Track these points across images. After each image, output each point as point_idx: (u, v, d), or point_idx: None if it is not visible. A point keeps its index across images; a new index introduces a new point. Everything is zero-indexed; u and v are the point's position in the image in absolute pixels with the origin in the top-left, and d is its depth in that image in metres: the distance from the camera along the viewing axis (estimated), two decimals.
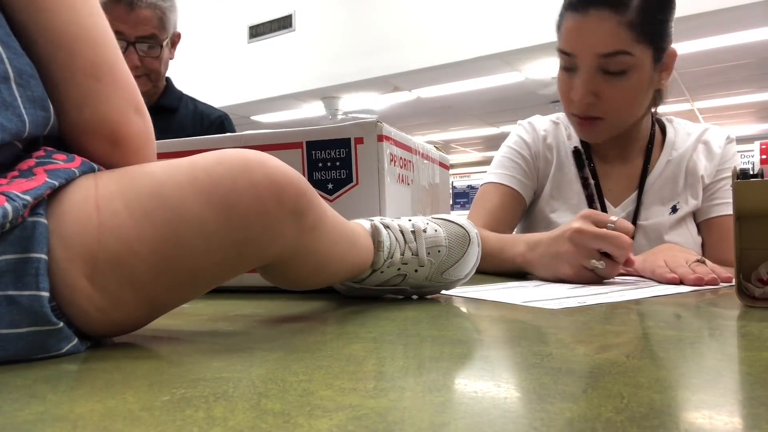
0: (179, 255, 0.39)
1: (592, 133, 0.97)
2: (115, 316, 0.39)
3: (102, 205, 0.37)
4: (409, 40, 4.35)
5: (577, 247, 0.74)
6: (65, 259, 0.36)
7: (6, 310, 0.33)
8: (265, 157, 0.42)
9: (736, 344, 0.40)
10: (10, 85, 0.39)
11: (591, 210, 0.76)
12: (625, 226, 0.73)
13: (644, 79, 0.91)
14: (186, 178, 0.39)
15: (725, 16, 3.38)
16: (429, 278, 0.62)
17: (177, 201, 0.38)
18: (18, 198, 0.34)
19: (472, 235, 0.63)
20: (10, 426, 0.24)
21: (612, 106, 0.92)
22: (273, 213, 0.41)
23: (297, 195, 0.42)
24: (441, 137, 7.60)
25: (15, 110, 0.38)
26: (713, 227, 1.01)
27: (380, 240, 0.57)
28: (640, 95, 0.93)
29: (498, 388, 0.29)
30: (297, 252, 0.45)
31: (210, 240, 0.39)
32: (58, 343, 0.36)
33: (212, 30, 5.35)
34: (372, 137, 0.71)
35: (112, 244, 0.37)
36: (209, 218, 0.39)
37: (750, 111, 6.21)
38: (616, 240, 0.72)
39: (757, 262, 0.56)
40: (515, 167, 1.08)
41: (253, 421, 0.24)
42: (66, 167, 0.39)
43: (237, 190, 0.39)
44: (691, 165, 1.02)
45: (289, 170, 0.42)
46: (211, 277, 0.42)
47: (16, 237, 0.34)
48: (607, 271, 0.74)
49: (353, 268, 0.56)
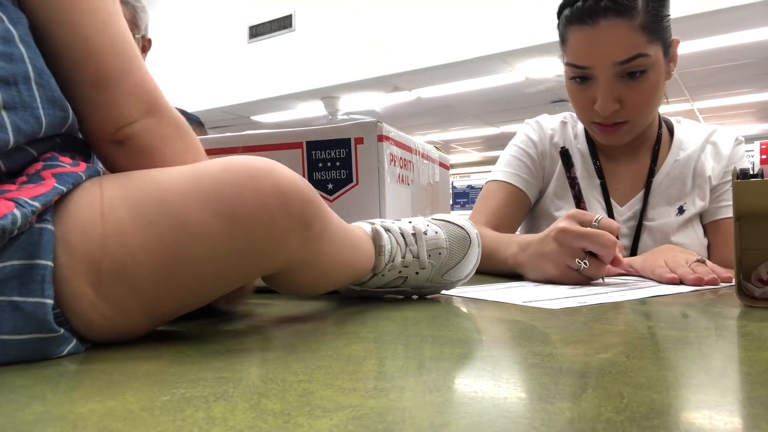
0: (183, 263, 0.38)
1: (617, 136, 0.96)
2: (119, 323, 0.38)
3: (107, 212, 0.37)
4: (409, 40, 4.35)
5: (561, 247, 0.73)
6: (69, 266, 0.36)
7: (10, 316, 0.33)
8: (272, 166, 0.41)
9: (736, 344, 0.40)
10: (31, 86, 0.39)
11: (577, 210, 0.75)
12: (610, 224, 0.73)
13: (660, 75, 0.91)
14: (191, 186, 0.39)
15: (725, 16, 3.38)
16: (430, 279, 0.62)
17: (181, 209, 0.38)
18: (27, 204, 0.34)
19: (473, 236, 0.63)
20: (10, 426, 0.24)
21: (635, 108, 0.92)
22: (279, 223, 0.40)
23: (304, 204, 0.41)
24: (441, 137, 7.60)
25: (33, 111, 0.38)
26: (719, 229, 1.00)
27: (381, 244, 0.57)
28: (658, 92, 0.93)
29: (498, 388, 0.29)
30: (303, 260, 0.45)
31: (214, 249, 0.39)
32: (58, 347, 0.36)
33: (212, 30, 5.34)
34: (372, 137, 0.71)
35: (115, 252, 0.37)
36: (213, 227, 0.38)
37: (750, 111, 6.20)
38: (599, 238, 0.71)
39: (757, 262, 0.56)
40: (521, 166, 1.07)
41: (253, 421, 0.24)
42: (73, 171, 0.39)
43: (242, 199, 0.39)
44: (699, 166, 1.01)
45: (296, 179, 0.42)
46: (215, 286, 0.42)
47: (22, 243, 0.34)
48: (593, 270, 0.73)
49: (356, 273, 0.56)
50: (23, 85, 0.38)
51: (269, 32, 5.08)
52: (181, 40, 5.42)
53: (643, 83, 0.89)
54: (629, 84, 0.89)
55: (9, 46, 0.38)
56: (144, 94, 0.44)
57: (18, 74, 0.38)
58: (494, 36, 3.99)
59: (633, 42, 0.86)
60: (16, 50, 0.38)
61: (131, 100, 0.44)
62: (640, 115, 0.94)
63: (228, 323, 0.51)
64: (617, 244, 0.71)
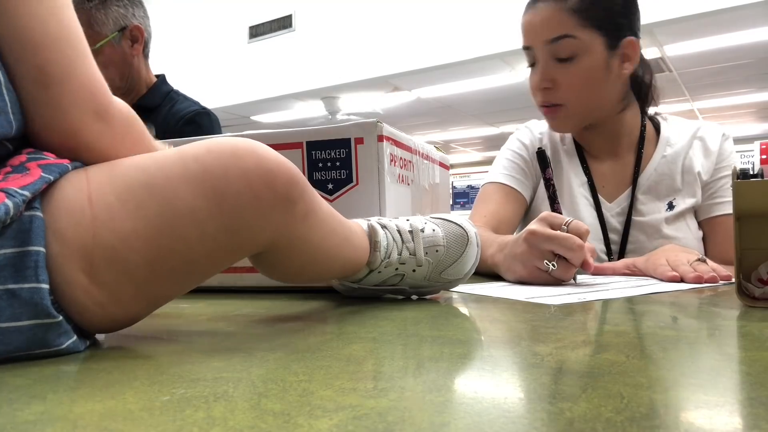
0: (173, 245, 0.39)
1: (557, 120, 1.03)
2: (114, 310, 0.39)
3: (95, 199, 0.37)
4: (409, 40, 4.35)
5: (530, 248, 0.74)
6: (61, 254, 0.36)
7: (7, 304, 0.34)
8: (255, 145, 0.42)
9: (736, 344, 0.40)
10: (1, 90, 0.38)
11: (549, 212, 0.77)
12: (578, 227, 0.73)
13: (597, 64, 0.95)
14: (177, 168, 0.39)
15: (725, 16, 3.38)
16: (427, 278, 0.62)
17: (168, 191, 0.39)
18: (17, 194, 0.34)
19: (471, 234, 0.63)
20: (10, 426, 0.24)
21: (567, 91, 0.98)
22: (265, 199, 0.41)
23: (289, 182, 0.42)
24: (441, 137, 7.60)
25: (6, 116, 0.38)
26: (716, 226, 1.02)
27: (377, 240, 0.57)
28: (594, 81, 0.97)
29: (498, 388, 0.29)
30: (289, 241, 0.46)
31: (203, 228, 0.39)
32: (57, 337, 0.36)
33: (212, 30, 5.35)
34: (372, 137, 0.71)
35: (106, 237, 0.37)
36: (201, 206, 0.39)
37: (750, 111, 6.21)
38: (566, 241, 0.72)
39: (757, 262, 0.56)
40: (516, 168, 1.11)
41: (253, 421, 0.24)
42: (59, 162, 0.39)
43: (228, 177, 0.39)
44: (687, 162, 1.03)
45: (280, 158, 0.43)
46: (206, 266, 0.42)
47: (13, 231, 0.34)
48: (561, 272, 0.73)
49: (347, 265, 0.56)
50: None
51: (269, 32, 5.08)
52: (181, 40, 5.42)
53: (574, 67, 0.95)
54: (562, 67, 0.96)
55: None
56: (92, 94, 0.42)
57: None
58: (494, 36, 3.99)
59: (561, 22, 0.94)
60: None
61: (79, 100, 0.41)
62: (575, 100, 0.99)
63: (228, 323, 0.51)
64: (585, 247, 0.72)
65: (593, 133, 1.07)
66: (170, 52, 5.42)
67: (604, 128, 1.05)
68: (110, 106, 0.43)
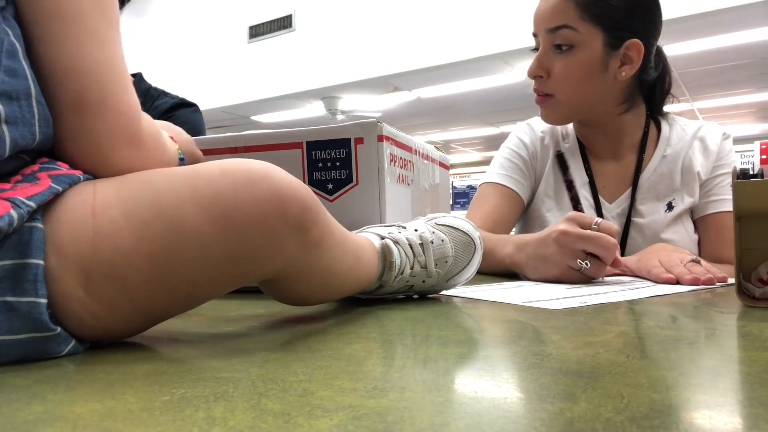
0: (176, 267, 0.38)
1: (546, 110, 1.03)
2: (111, 323, 0.38)
3: (99, 212, 0.37)
4: (409, 40, 4.35)
5: (562, 249, 0.75)
6: (59, 266, 0.35)
7: (5, 317, 0.33)
8: (271, 170, 0.40)
9: (736, 344, 0.40)
10: (31, 102, 0.38)
11: (576, 212, 0.78)
12: (609, 227, 0.75)
13: (592, 60, 0.95)
14: (186, 189, 0.38)
15: (725, 16, 3.38)
16: (434, 286, 0.63)
17: (176, 212, 0.37)
18: (23, 204, 0.34)
19: (477, 241, 0.64)
20: (10, 426, 0.24)
21: (558, 81, 0.98)
22: (275, 228, 0.39)
23: (302, 210, 0.41)
24: (441, 137, 7.60)
25: (30, 128, 0.38)
26: (710, 224, 1.01)
27: (392, 260, 0.56)
28: (586, 76, 0.96)
29: (498, 388, 0.29)
30: (300, 268, 0.44)
31: (208, 253, 0.38)
32: (57, 346, 0.36)
33: (212, 30, 5.35)
34: (372, 137, 0.71)
35: (107, 252, 0.36)
36: (208, 231, 0.38)
37: (750, 111, 6.20)
38: (599, 241, 0.73)
39: (757, 262, 0.56)
40: (514, 167, 1.10)
41: (253, 421, 0.24)
42: (70, 173, 0.39)
43: (238, 203, 0.38)
44: (687, 162, 1.03)
45: (295, 183, 0.41)
46: (209, 290, 0.41)
47: (13, 242, 0.34)
48: (594, 270, 0.75)
49: (358, 284, 0.54)
50: (24, 101, 0.38)
51: (269, 32, 5.08)
52: (182, 40, 5.42)
53: (568, 58, 0.96)
54: (558, 57, 0.97)
55: (14, 61, 0.38)
56: (126, 122, 0.42)
57: (20, 90, 0.37)
58: (494, 36, 3.99)
59: (562, 12, 0.95)
60: (20, 66, 0.38)
61: (112, 129, 0.41)
62: (564, 92, 0.99)
63: (228, 323, 0.51)
64: (616, 246, 0.74)
65: (594, 132, 1.07)
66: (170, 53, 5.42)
67: (604, 128, 1.05)
68: (141, 130, 0.43)
